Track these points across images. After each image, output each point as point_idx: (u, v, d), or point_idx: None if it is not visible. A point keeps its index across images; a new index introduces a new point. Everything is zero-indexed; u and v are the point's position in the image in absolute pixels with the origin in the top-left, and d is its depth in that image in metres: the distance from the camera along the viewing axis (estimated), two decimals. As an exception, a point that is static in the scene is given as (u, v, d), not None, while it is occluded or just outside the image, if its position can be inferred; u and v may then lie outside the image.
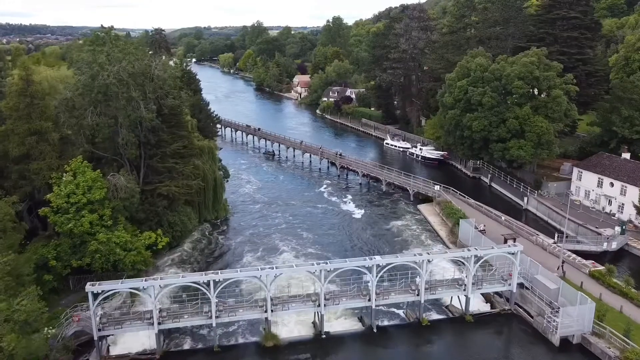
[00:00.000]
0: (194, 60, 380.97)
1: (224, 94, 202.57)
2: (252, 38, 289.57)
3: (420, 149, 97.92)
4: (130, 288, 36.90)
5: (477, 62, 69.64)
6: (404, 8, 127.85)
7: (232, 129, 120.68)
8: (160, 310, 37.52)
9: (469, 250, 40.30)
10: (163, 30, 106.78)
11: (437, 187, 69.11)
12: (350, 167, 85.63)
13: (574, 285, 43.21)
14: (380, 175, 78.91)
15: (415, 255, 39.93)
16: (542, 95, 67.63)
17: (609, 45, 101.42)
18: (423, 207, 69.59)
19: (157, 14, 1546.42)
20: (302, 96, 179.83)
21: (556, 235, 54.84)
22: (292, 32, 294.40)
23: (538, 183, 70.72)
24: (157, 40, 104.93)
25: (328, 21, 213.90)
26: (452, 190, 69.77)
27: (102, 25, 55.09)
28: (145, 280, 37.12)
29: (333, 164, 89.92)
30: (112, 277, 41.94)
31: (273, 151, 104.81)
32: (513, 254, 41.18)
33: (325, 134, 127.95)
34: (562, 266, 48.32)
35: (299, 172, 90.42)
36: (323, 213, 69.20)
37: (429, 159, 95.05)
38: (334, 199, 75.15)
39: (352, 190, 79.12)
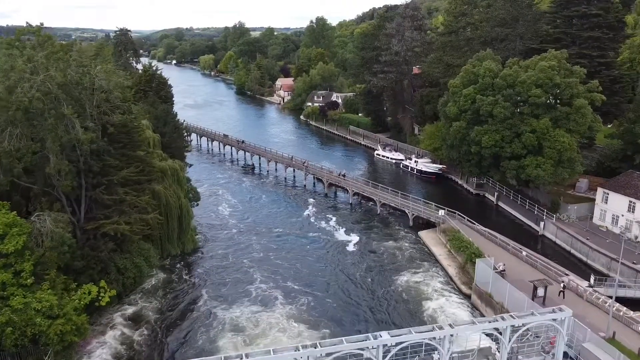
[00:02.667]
0: (174, 62, 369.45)
1: (203, 98, 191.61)
2: (233, 39, 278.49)
3: (415, 161, 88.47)
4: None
5: (485, 67, 60.17)
6: (388, 8, 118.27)
7: (209, 139, 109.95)
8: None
9: (503, 319, 30.58)
10: (129, 31, 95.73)
11: (441, 212, 59.46)
12: (340, 185, 75.71)
13: (630, 353, 33.88)
14: (374, 195, 69.10)
15: (434, 329, 30.12)
16: (557, 104, 58.34)
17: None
18: (425, 235, 59.95)
19: (138, 15, 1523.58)
20: (285, 100, 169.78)
21: (592, 277, 45.46)
22: (275, 33, 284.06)
23: (555, 204, 61.55)
24: (123, 42, 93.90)
25: (311, 21, 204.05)
26: (459, 215, 60.18)
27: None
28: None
29: (320, 180, 79.95)
30: (31, 356, 31.66)
31: (253, 164, 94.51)
32: (560, 320, 31.59)
33: (310, 142, 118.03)
34: (564, 292, 41.74)
35: (282, 190, 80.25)
36: (310, 244, 59.13)
37: (425, 172, 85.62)
38: (322, 224, 65.12)
39: (342, 213, 69.16)
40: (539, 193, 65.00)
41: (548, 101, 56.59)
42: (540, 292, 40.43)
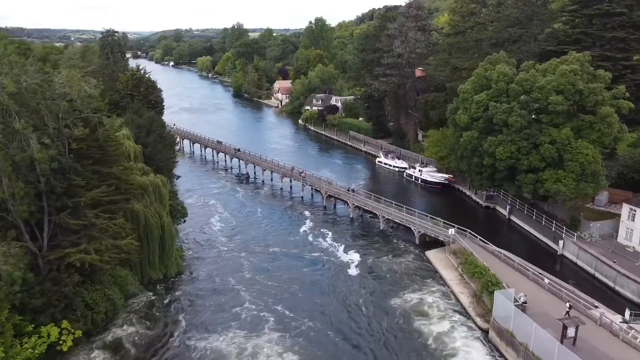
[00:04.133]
0: (171, 63, 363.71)
1: (199, 101, 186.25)
2: (232, 40, 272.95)
3: (419, 170, 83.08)
4: None
5: (499, 71, 54.78)
6: (389, 9, 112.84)
7: (202, 146, 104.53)
8: None
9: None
10: (116, 32, 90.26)
11: (451, 231, 54.05)
12: (339, 197, 70.33)
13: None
14: (377, 209, 63.69)
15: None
16: (579, 112, 52.94)
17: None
18: (433, 255, 54.56)
19: (137, 16, 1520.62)
20: (282, 103, 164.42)
21: (627, 311, 40.03)
22: (274, 34, 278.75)
23: (575, 221, 56.16)
24: (110, 44, 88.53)
25: (310, 22, 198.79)
26: (470, 234, 54.77)
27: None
28: None
29: (317, 191, 74.56)
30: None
31: (247, 173, 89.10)
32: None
33: (309, 148, 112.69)
34: (569, 312, 38.38)
35: (278, 202, 74.83)
36: (307, 266, 53.68)
37: (430, 182, 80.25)
38: (320, 241, 59.77)
39: (342, 229, 63.74)
40: (556, 207, 59.65)
41: (570, 109, 51.13)
42: (571, 332, 35.07)
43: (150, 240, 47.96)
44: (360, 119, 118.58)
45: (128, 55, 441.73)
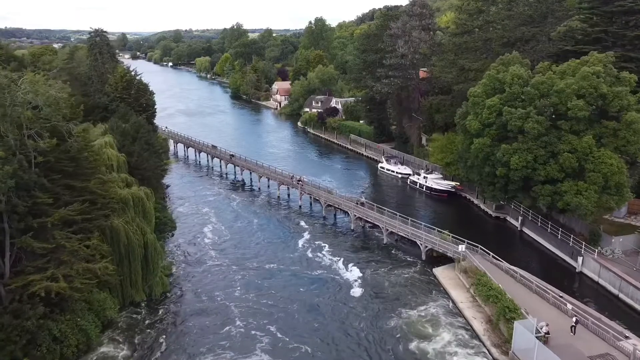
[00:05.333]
0: (170, 64, 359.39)
1: (197, 103, 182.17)
2: (231, 41, 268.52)
3: (424, 177, 78.72)
4: None
5: (513, 73, 50.40)
6: (389, 9, 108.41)
7: (196, 151, 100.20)
8: None
9: None
10: (105, 32, 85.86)
11: (461, 247, 49.68)
12: (340, 207, 66.00)
13: None
14: (380, 221, 59.37)
15: None
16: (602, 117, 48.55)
17: None
18: (441, 273, 50.24)
19: (137, 17, 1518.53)
20: (281, 105, 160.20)
21: (664, 344, 35.68)
22: (274, 35, 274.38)
23: (595, 235, 51.76)
24: (98, 44, 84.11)
25: (310, 22, 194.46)
26: (481, 250, 50.40)
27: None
28: None
29: (317, 200, 70.21)
30: None
31: (243, 180, 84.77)
32: None
33: (308, 152, 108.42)
34: (575, 327, 36.80)
35: (274, 212, 70.49)
36: (305, 285, 49.37)
37: (436, 190, 75.92)
38: (318, 256, 55.47)
39: (343, 242, 59.42)
40: (573, 219, 55.23)
41: (592, 115, 46.73)
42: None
43: (132, 260, 43.71)
44: (361, 121, 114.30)
45: (127, 56, 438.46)
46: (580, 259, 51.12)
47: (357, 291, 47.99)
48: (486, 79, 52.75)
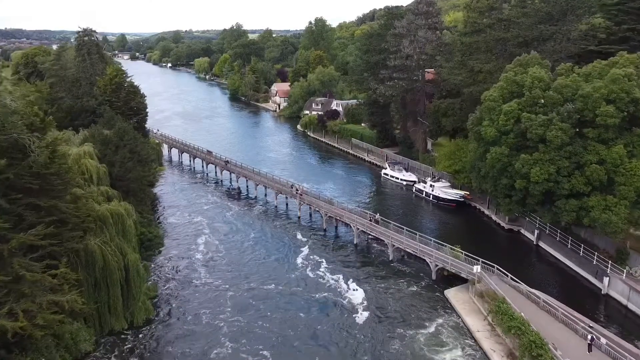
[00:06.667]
0: (169, 65, 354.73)
1: (194, 104, 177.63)
2: (230, 41, 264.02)
3: (431, 185, 74.10)
4: None
5: (533, 75, 45.73)
6: (390, 9, 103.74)
7: (191, 156, 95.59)
8: None
9: None
10: (94, 31, 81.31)
11: (476, 268, 45.04)
12: (342, 220, 61.36)
13: None
14: (386, 236, 54.75)
15: None
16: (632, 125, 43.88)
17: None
18: (454, 296, 45.60)
19: (137, 18, 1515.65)
20: (281, 107, 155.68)
21: None
22: (274, 35, 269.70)
23: (622, 253, 47.11)
24: (86, 44, 79.60)
25: (310, 22, 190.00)
26: (498, 270, 45.77)
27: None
28: None
29: (317, 211, 65.57)
30: None
31: (239, 188, 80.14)
32: None
33: (308, 157, 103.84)
34: (592, 344, 34.74)
35: (271, 223, 65.82)
36: (304, 309, 44.74)
37: (444, 200, 71.30)
38: (320, 275, 50.90)
39: (345, 259, 54.78)
40: (596, 236, 50.59)
41: (622, 122, 42.07)
42: None
43: (110, 285, 39.20)
44: (363, 125, 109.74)
45: (126, 57, 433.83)
46: (606, 279, 46.48)
47: (361, 317, 43.47)
48: (503, 82, 48.08)
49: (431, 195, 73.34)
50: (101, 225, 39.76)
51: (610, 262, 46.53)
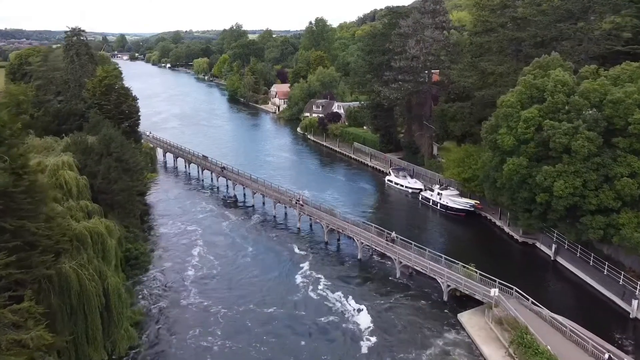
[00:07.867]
0: (168, 65, 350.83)
1: (192, 106, 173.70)
2: (230, 42, 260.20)
3: (438, 193, 70.10)
4: None
5: (556, 78, 41.71)
6: (390, 10, 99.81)
7: (186, 161, 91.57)
8: None
9: None
10: (83, 31, 77.38)
11: (494, 291, 40.95)
12: (344, 232, 57.34)
13: None
14: (392, 252, 50.73)
15: None
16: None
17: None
18: (468, 321, 41.54)
19: (137, 18, 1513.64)
20: (280, 109, 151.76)
21: None
22: (274, 36, 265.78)
23: (651, 273, 43.10)
24: (75, 45, 75.71)
25: (310, 23, 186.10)
26: (517, 293, 41.72)
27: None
28: None
29: (318, 222, 61.56)
30: None
31: (235, 196, 76.10)
32: None
33: (308, 162, 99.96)
34: None
35: (269, 236, 61.75)
36: (305, 334, 40.76)
37: (452, 209, 67.30)
38: (321, 295, 46.88)
39: (349, 275, 50.78)
40: (620, 252, 46.55)
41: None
42: None
43: (88, 312, 35.14)
44: (365, 128, 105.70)
45: (125, 57, 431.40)
46: (635, 302, 42.41)
47: (365, 344, 39.48)
48: (521, 86, 44.04)
49: (439, 204, 69.36)
50: (78, 245, 35.76)
51: (639, 282, 42.52)
